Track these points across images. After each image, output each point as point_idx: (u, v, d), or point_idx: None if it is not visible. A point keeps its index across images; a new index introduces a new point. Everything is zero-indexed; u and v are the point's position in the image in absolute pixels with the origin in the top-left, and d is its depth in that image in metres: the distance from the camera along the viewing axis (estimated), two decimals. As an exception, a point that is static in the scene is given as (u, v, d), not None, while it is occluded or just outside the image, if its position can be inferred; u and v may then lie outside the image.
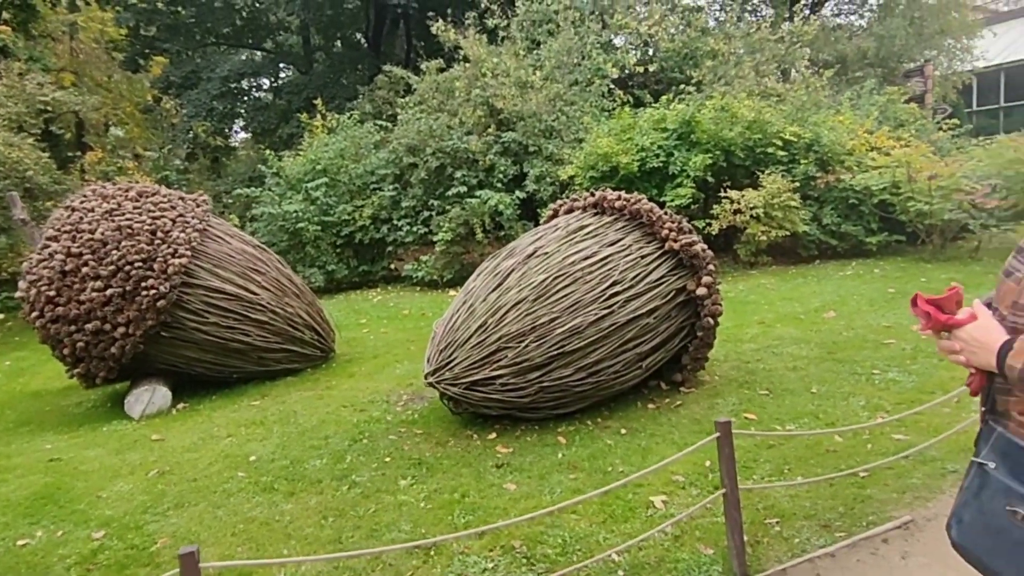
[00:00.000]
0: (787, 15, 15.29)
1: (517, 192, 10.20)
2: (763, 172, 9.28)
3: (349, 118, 12.68)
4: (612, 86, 11.84)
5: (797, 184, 9.20)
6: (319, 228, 10.75)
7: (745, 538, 2.61)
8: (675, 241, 4.34)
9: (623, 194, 4.61)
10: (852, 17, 19.62)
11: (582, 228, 4.48)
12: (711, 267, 4.40)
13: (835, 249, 9.55)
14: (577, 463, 3.66)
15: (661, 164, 9.24)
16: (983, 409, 1.30)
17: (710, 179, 9.29)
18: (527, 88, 10.90)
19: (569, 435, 4.03)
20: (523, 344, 3.94)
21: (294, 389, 5.63)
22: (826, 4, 19.85)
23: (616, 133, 9.69)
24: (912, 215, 8.88)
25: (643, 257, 4.32)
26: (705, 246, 4.46)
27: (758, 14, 18.37)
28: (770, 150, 9.44)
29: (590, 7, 12.45)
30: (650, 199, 4.80)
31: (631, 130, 9.74)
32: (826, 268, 9.03)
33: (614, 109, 11.12)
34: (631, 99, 11.91)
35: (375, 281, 11.25)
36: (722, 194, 9.16)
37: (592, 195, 4.73)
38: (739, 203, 8.93)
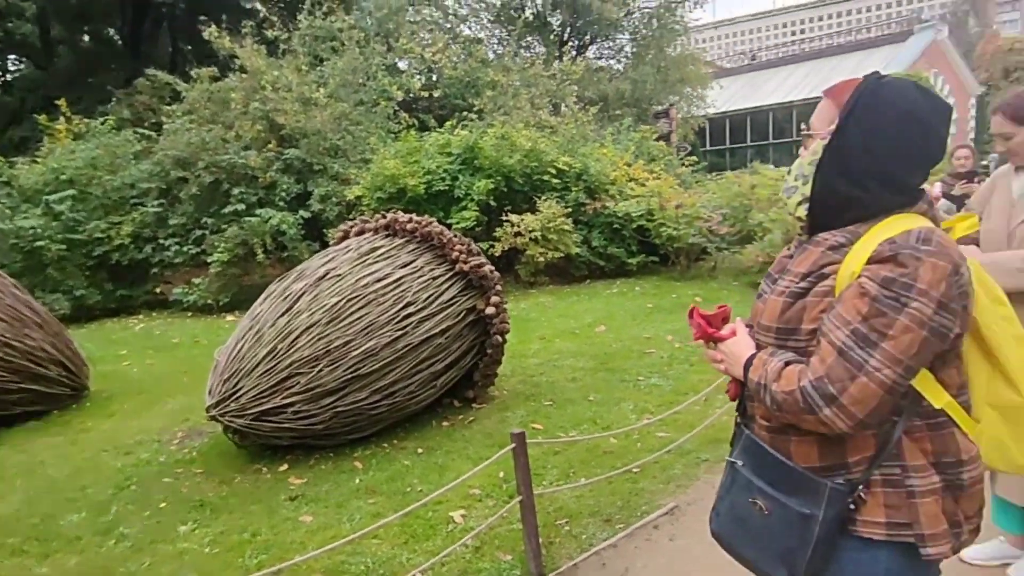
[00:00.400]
0: (557, 54, 16.65)
1: (301, 211, 9.83)
2: (540, 198, 9.98)
3: (103, 123, 11.29)
4: (398, 108, 11.96)
5: (569, 210, 10.02)
6: (64, 247, 9.39)
7: (540, 540, 2.80)
8: (465, 263, 4.51)
9: (414, 216, 4.70)
10: (611, 61, 21.95)
11: (374, 250, 4.48)
12: (498, 287, 4.65)
13: (603, 269, 10.53)
14: (375, 487, 3.63)
15: (447, 187, 9.52)
16: (737, 413, 1.51)
17: (493, 203, 9.76)
18: (311, 105, 10.60)
19: (366, 459, 3.99)
20: (316, 369, 3.83)
21: (39, 435, 4.86)
22: (590, 48, 21.98)
23: (403, 155, 9.80)
24: (663, 239, 10.12)
25: (435, 278, 4.44)
26: (492, 267, 4.70)
27: (532, 50, 19.77)
28: (545, 177, 10.19)
29: (375, 28, 12.49)
30: (438, 221, 4.94)
31: (417, 153, 9.92)
32: (596, 287, 9.92)
33: (400, 131, 11.23)
34: (416, 122, 12.13)
35: (136, 307, 10.09)
36: (504, 218, 9.66)
37: (383, 217, 4.76)
38: (519, 226, 9.49)
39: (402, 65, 13.35)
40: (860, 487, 1.25)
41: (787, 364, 1.28)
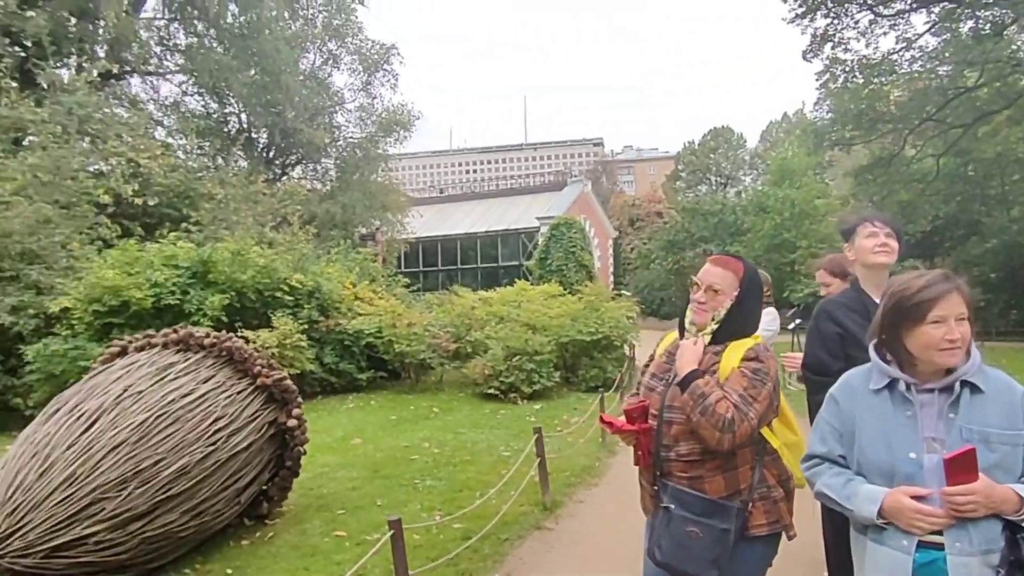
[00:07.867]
0: (269, 175, 16.90)
1: (-20, 324, 8.30)
2: (273, 314, 9.99)
3: None
4: (98, 212, 10.95)
5: (305, 327, 10.20)
6: None
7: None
8: (267, 377, 4.66)
9: (211, 332, 4.72)
10: (315, 183, 22.75)
11: (171, 365, 4.38)
12: (298, 400, 4.85)
13: (333, 386, 10.76)
14: (200, 612, 3.50)
15: (177, 301, 9.02)
16: (657, 474, 2.10)
17: (225, 319, 9.47)
18: (-5, 203, 9.22)
19: (174, 588, 3.77)
20: (126, 492, 3.60)
21: None
22: (295, 168, 22.55)
23: (121, 266, 9.05)
24: (394, 355, 10.83)
25: (239, 393, 4.49)
26: (291, 381, 4.90)
27: (235, 164, 19.67)
28: (278, 294, 10.28)
29: (75, 126, 11.42)
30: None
31: (138, 263, 9.26)
32: (330, 402, 10.10)
33: (111, 239, 10.33)
34: (119, 229, 11.21)
35: None
36: (239, 334, 9.42)
37: (176, 332, 4.67)
38: (255, 343, 9.34)
39: (104, 167, 12.29)
40: (749, 504, 2.01)
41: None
